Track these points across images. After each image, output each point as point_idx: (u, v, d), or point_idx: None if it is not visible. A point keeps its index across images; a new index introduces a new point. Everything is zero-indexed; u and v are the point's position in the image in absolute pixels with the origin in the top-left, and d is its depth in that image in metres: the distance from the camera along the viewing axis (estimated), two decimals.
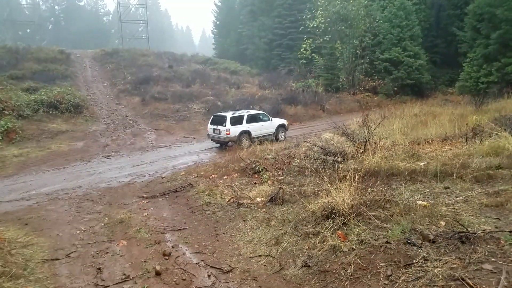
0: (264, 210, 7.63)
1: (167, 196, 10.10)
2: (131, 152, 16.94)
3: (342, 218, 5.80)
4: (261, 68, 45.24)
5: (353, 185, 6.32)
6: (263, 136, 17.24)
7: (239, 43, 54.56)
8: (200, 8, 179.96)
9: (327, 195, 6.41)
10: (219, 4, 66.45)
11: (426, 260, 4.44)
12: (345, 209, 5.88)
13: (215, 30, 67.94)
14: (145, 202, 9.76)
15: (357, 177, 6.48)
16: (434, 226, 5.23)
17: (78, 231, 7.74)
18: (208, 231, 7.34)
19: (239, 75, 38.49)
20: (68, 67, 32.63)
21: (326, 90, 32.59)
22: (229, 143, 16.53)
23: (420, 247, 4.73)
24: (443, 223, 5.27)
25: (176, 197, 9.94)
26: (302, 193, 7.68)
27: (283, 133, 18.37)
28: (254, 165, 11.04)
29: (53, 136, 18.79)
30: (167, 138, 19.96)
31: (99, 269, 6.07)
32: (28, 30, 72.61)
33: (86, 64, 36.06)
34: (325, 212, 6.08)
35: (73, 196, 10.50)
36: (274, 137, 17.77)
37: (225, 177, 10.99)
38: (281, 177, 9.69)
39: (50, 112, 21.14)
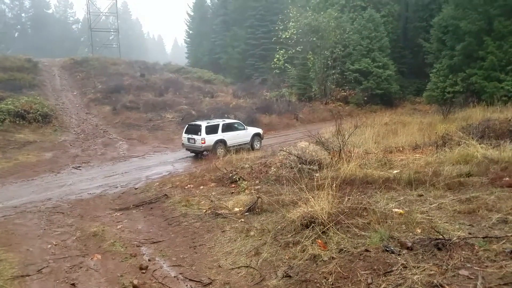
0: (243, 220, 7.55)
1: (141, 208, 9.84)
2: (102, 162, 16.48)
3: (321, 226, 5.81)
4: (235, 77, 45.39)
5: (331, 194, 6.37)
6: (239, 145, 17.22)
7: (212, 52, 54.54)
8: (172, 17, 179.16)
9: (305, 203, 6.42)
10: (192, 13, 66.33)
11: (405, 267, 4.49)
12: (324, 217, 5.88)
13: (188, 39, 67.67)
14: (119, 214, 9.46)
15: (334, 185, 6.54)
16: (411, 233, 5.32)
17: (49, 246, 7.38)
18: (186, 243, 7.17)
19: (213, 84, 38.40)
20: (36, 76, 31.45)
21: (299, 100, 33.09)
22: (205, 152, 16.39)
23: (398, 255, 4.79)
24: (419, 230, 5.37)
25: (151, 208, 9.70)
26: (281, 202, 7.64)
27: (259, 142, 18.42)
28: (231, 175, 10.97)
29: (21, 146, 18.00)
30: (140, 148, 19.56)
31: (73, 284, 5.79)
32: None
33: (54, 73, 34.89)
34: (305, 221, 6.06)
35: (43, 209, 10.05)
36: (250, 146, 17.79)
37: (202, 187, 10.84)
38: (259, 186, 9.64)
39: (17, 122, 20.32)
